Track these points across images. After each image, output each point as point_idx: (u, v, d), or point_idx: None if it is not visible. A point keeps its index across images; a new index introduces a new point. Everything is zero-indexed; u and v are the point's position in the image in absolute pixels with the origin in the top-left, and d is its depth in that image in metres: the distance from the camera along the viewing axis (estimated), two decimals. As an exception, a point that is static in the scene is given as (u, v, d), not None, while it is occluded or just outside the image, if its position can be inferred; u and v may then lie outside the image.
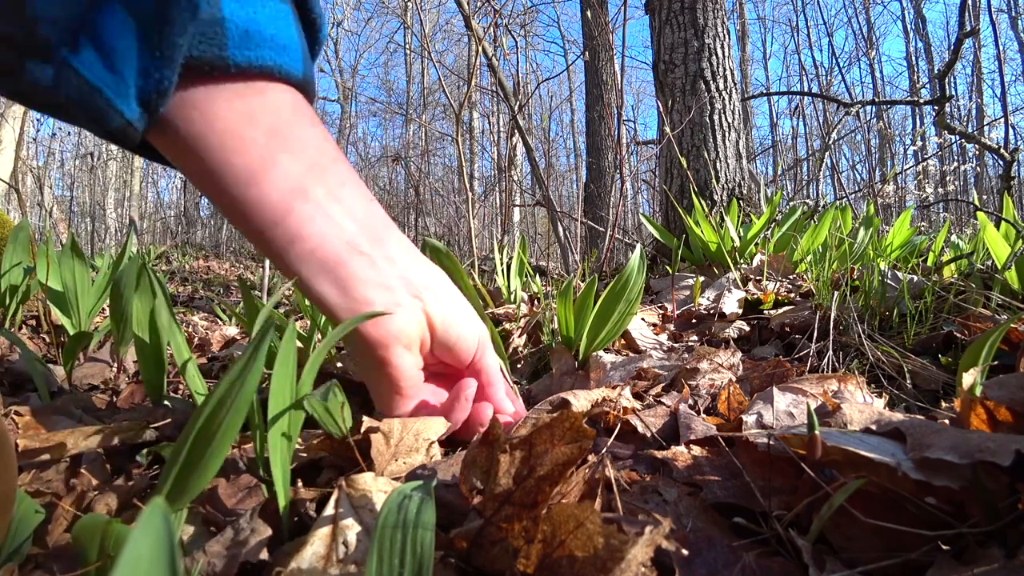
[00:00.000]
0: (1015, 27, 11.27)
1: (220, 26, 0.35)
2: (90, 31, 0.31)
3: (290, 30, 0.39)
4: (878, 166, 11.59)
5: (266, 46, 0.37)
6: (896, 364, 0.68)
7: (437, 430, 0.47)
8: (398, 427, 0.45)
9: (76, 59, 0.31)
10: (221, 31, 0.35)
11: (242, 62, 0.36)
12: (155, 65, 0.33)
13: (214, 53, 0.35)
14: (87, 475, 0.45)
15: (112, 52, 0.32)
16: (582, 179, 7.94)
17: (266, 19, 0.37)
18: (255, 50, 0.37)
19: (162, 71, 0.33)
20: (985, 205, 6.03)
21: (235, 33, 0.35)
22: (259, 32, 0.37)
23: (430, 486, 0.32)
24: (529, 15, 9.94)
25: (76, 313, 0.90)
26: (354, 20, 14.19)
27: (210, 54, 0.35)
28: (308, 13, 0.43)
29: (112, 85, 0.33)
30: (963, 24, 2.34)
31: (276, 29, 0.38)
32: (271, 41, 0.37)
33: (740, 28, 11.75)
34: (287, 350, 0.37)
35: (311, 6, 0.42)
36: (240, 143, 0.39)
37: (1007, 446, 0.29)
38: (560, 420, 0.32)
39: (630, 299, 0.73)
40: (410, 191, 7.68)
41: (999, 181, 2.64)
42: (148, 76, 0.33)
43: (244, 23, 0.36)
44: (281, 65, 0.38)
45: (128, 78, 0.33)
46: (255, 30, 0.36)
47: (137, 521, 0.15)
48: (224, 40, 0.35)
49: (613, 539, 0.28)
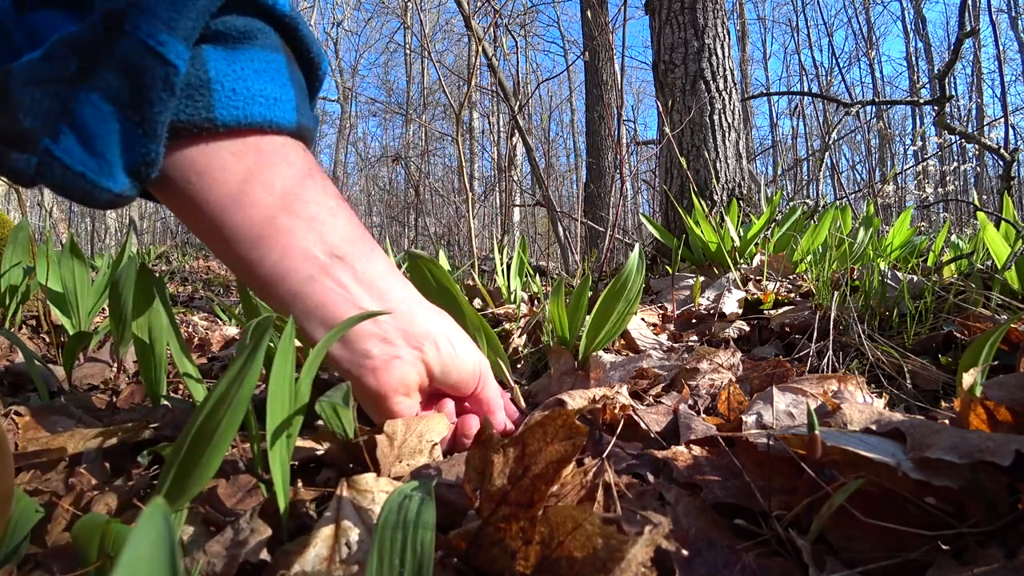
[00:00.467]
0: (1015, 27, 11.27)
1: (207, 88, 0.35)
2: (69, 119, 0.32)
3: (281, 79, 0.40)
4: (878, 166, 11.59)
5: (256, 102, 0.38)
6: (896, 364, 0.68)
7: (440, 431, 0.47)
8: (402, 428, 0.45)
9: (57, 148, 0.33)
10: (208, 92, 0.35)
11: (231, 121, 0.37)
12: (139, 141, 0.34)
13: (201, 116, 0.36)
14: (86, 475, 0.45)
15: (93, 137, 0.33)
16: (582, 179, 7.94)
17: (254, 73, 0.37)
18: (244, 108, 0.37)
19: (147, 145, 0.34)
20: (985, 205, 6.02)
21: (222, 93, 0.36)
22: (247, 89, 0.37)
23: (430, 486, 0.32)
24: (529, 15, 9.95)
25: (76, 313, 0.90)
26: (354, 20, 14.19)
27: (197, 116, 0.36)
28: (306, 53, 0.43)
29: (95, 168, 0.34)
30: (963, 24, 2.34)
31: (265, 82, 0.38)
32: (260, 96, 0.38)
33: (740, 28, 11.75)
34: (286, 349, 0.37)
35: (308, 46, 0.43)
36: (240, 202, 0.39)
37: (1007, 446, 0.29)
38: (552, 418, 0.32)
39: (629, 299, 0.73)
40: (410, 191, 7.68)
41: (999, 181, 2.64)
42: (133, 151, 0.34)
43: (231, 82, 0.36)
44: (271, 119, 0.39)
45: (111, 158, 0.34)
46: (243, 87, 0.37)
47: (137, 521, 0.15)
48: (211, 101, 0.36)
49: (612, 539, 0.28)
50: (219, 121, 0.36)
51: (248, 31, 0.38)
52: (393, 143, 14.84)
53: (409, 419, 0.47)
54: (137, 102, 0.33)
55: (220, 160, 0.38)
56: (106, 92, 0.32)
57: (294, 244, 0.41)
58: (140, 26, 0.32)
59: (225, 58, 0.36)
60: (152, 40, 0.32)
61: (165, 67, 0.33)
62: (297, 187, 0.41)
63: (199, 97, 0.35)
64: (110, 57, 0.32)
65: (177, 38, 0.33)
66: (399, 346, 0.45)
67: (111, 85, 0.32)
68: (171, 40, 0.32)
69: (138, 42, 0.32)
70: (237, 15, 0.37)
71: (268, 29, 0.39)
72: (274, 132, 0.40)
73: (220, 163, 0.38)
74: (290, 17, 0.40)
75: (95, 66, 0.32)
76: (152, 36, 0.32)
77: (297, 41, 0.42)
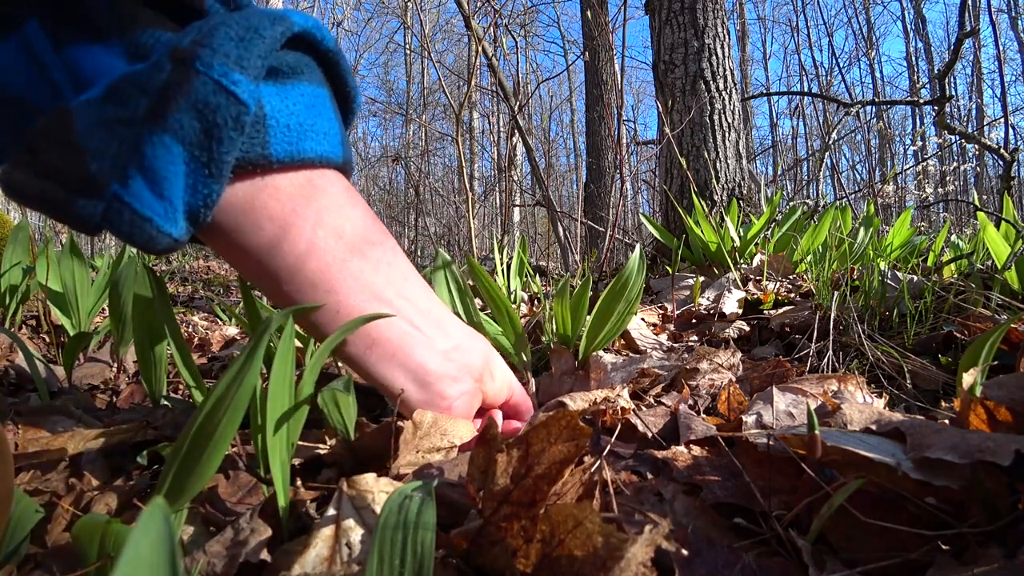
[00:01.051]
0: (1015, 27, 11.27)
1: (262, 124, 0.35)
2: (139, 162, 0.32)
3: (328, 113, 0.39)
4: (878, 166, 11.59)
5: (308, 137, 0.37)
6: (896, 364, 0.68)
7: (463, 435, 0.48)
8: (429, 420, 0.46)
9: (126, 193, 0.32)
10: (263, 128, 0.35)
11: (284, 157, 0.36)
12: (204, 183, 0.33)
13: (257, 152, 0.35)
14: (87, 475, 0.45)
15: (163, 180, 0.32)
16: (582, 179, 7.94)
17: (305, 108, 0.37)
18: (297, 143, 0.37)
19: (211, 187, 0.34)
20: (985, 205, 6.02)
21: (277, 129, 0.36)
22: (300, 124, 0.37)
23: (431, 486, 0.32)
24: (529, 15, 9.95)
25: (76, 313, 0.90)
26: (354, 20, 14.19)
27: (253, 153, 0.35)
28: (343, 87, 0.43)
29: (162, 213, 0.33)
30: (963, 24, 2.34)
31: (315, 116, 0.38)
32: (312, 130, 0.37)
33: (740, 28, 11.75)
34: (285, 349, 0.37)
35: (347, 81, 0.42)
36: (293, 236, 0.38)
37: (1007, 446, 0.29)
38: (556, 419, 0.32)
39: (630, 299, 0.73)
40: (410, 191, 7.69)
41: (999, 181, 2.64)
42: (196, 193, 0.34)
43: (286, 118, 0.36)
44: (322, 154, 0.38)
45: (176, 202, 0.33)
46: (296, 123, 0.36)
47: (137, 521, 0.15)
48: (266, 138, 0.35)
49: (612, 538, 0.28)
50: (273, 157, 0.36)
51: (298, 66, 0.37)
52: (393, 143, 14.84)
53: (437, 415, 0.47)
54: (207, 143, 0.32)
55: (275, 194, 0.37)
56: (177, 133, 0.32)
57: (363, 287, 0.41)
58: (213, 65, 0.31)
59: (278, 93, 0.36)
60: (226, 80, 0.32)
61: (238, 107, 0.32)
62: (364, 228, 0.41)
63: (254, 134, 0.35)
64: (183, 97, 0.31)
65: (248, 77, 0.32)
66: (465, 382, 0.47)
67: (183, 126, 0.32)
68: (243, 79, 0.32)
69: (211, 81, 0.31)
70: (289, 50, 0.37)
71: (313, 64, 0.39)
72: (324, 166, 0.40)
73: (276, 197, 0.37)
74: (334, 53, 0.40)
75: (166, 107, 0.31)
76: (225, 75, 0.32)
77: (337, 76, 0.42)
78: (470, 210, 1.75)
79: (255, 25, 0.33)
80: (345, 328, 0.43)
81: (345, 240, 0.40)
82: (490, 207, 10.57)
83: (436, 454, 0.45)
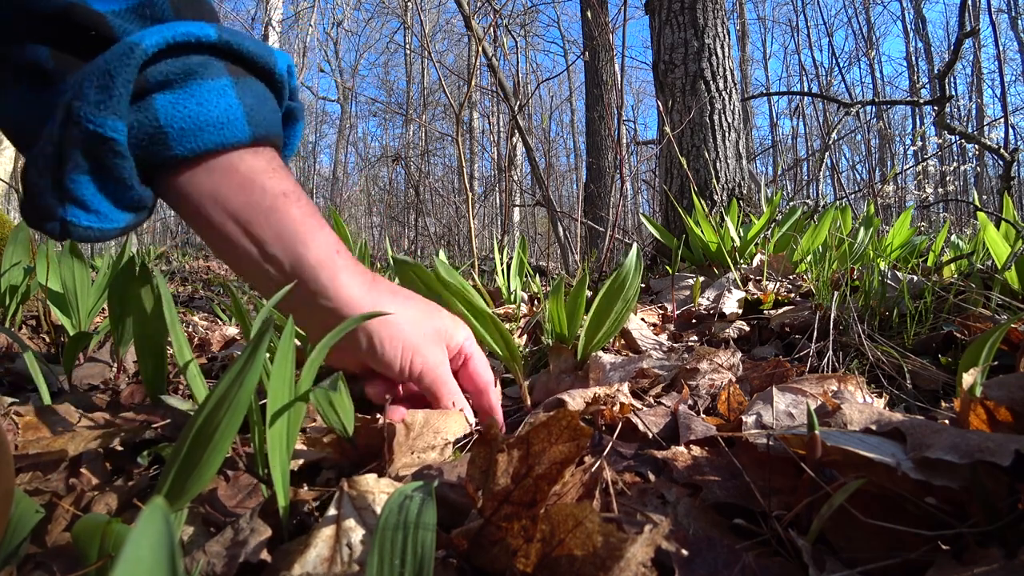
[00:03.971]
0: (1015, 27, 11.27)
1: (162, 133, 0.44)
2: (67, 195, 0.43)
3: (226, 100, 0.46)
4: (878, 166, 11.59)
5: (204, 131, 0.45)
6: (896, 364, 0.68)
7: (456, 431, 0.47)
8: (420, 420, 0.45)
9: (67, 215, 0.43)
10: (164, 136, 0.44)
11: (188, 153, 0.45)
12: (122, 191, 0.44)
13: (165, 155, 0.44)
14: (87, 475, 0.45)
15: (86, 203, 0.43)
16: (582, 179, 7.94)
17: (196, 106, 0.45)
18: (194, 140, 0.45)
19: (127, 193, 0.44)
20: (985, 205, 6.02)
21: (173, 133, 0.44)
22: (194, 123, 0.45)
23: (431, 487, 0.32)
24: (529, 15, 9.95)
25: (76, 313, 0.90)
26: (354, 20, 14.18)
27: (162, 156, 0.44)
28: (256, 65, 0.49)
29: (98, 222, 0.44)
30: (963, 24, 2.34)
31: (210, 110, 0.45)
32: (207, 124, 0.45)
33: (740, 28, 11.74)
34: (285, 348, 0.37)
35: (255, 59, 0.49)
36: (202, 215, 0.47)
37: (1007, 446, 0.29)
38: (557, 419, 0.32)
39: (627, 298, 0.73)
40: (410, 191, 7.68)
41: (999, 181, 2.64)
42: (122, 199, 0.44)
43: (179, 122, 0.44)
44: (221, 142, 0.46)
45: (106, 210, 0.44)
46: (190, 124, 0.44)
47: (137, 521, 0.15)
48: (168, 142, 0.44)
49: (612, 537, 0.28)
50: (179, 156, 0.45)
51: (188, 70, 0.44)
52: (393, 143, 14.83)
53: (429, 413, 0.47)
54: (101, 169, 0.43)
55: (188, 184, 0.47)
56: (77, 169, 0.42)
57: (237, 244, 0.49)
58: (81, 114, 0.40)
59: (171, 102, 0.44)
60: (91, 125, 0.41)
61: (107, 142, 0.41)
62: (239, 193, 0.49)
63: (159, 142, 0.44)
64: (72, 143, 0.41)
65: (107, 115, 0.41)
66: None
67: (79, 163, 0.42)
68: (105, 120, 0.41)
69: (83, 128, 0.41)
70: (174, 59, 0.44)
71: (208, 60, 0.46)
72: (228, 150, 0.47)
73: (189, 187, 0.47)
74: (222, 42, 0.46)
75: (66, 153, 0.41)
76: (91, 121, 0.41)
77: (241, 57, 0.48)
78: (470, 210, 1.75)
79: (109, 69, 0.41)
80: (344, 328, 0.43)
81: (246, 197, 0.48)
82: (490, 207, 10.57)
83: (431, 452, 0.45)
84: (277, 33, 7.90)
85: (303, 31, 12.06)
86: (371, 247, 5.37)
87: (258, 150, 0.49)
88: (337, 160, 13.27)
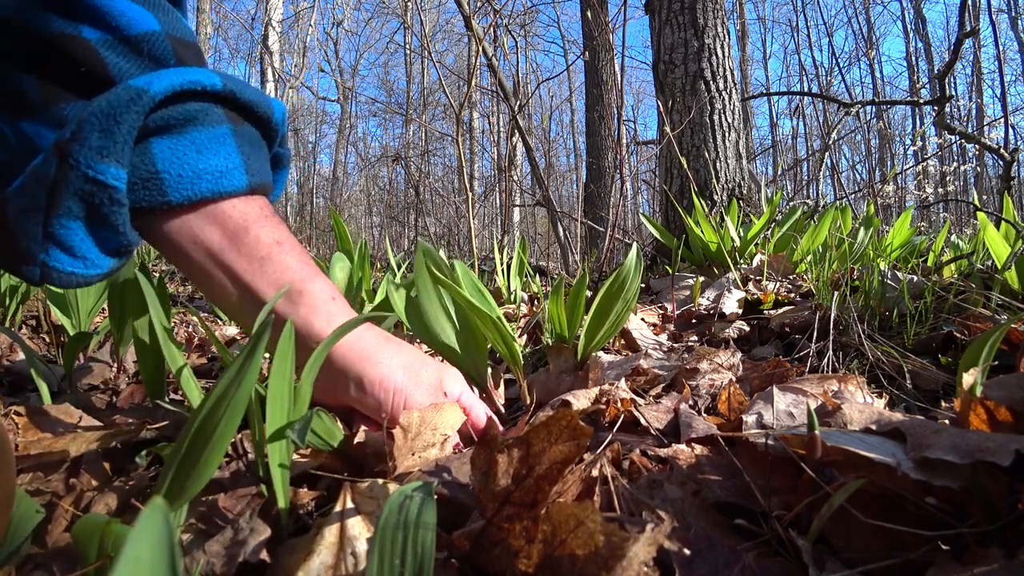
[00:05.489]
0: (1015, 27, 11.26)
1: (158, 178, 0.43)
2: (52, 238, 0.41)
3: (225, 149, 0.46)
4: (878, 166, 11.59)
5: (202, 179, 0.44)
6: (896, 364, 0.68)
7: (454, 423, 0.47)
8: (416, 420, 0.45)
9: (50, 259, 0.41)
10: (159, 182, 0.43)
11: (183, 200, 0.44)
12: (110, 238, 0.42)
13: (158, 200, 0.43)
14: (87, 475, 0.45)
15: (72, 247, 0.41)
16: (582, 179, 7.93)
17: (196, 154, 0.44)
18: (191, 187, 0.44)
19: (116, 239, 0.43)
20: (985, 205, 6.02)
21: (171, 180, 0.43)
22: (192, 171, 0.44)
23: (431, 487, 0.32)
24: (529, 15, 9.94)
25: (76, 313, 0.90)
26: (354, 20, 14.18)
27: (155, 201, 0.43)
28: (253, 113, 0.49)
29: (82, 267, 0.42)
30: (963, 24, 2.34)
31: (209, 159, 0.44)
32: (205, 173, 0.44)
33: (740, 28, 11.74)
34: (285, 349, 0.37)
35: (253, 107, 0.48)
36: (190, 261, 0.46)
37: (1007, 446, 0.29)
38: (556, 419, 0.32)
39: (627, 298, 0.73)
40: (410, 191, 7.68)
41: (999, 181, 2.64)
42: (108, 243, 0.43)
43: (177, 168, 0.43)
44: (218, 191, 0.45)
45: (92, 256, 0.43)
46: (188, 171, 0.43)
47: (137, 521, 0.15)
48: (164, 188, 0.43)
49: (614, 537, 0.28)
50: (173, 202, 0.44)
51: (188, 116, 0.44)
52: (393, 143, 14.83)
53: (424, 411, 0.47)
54: (95, 215, 0.41)
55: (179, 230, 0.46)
56: (69, 214, 0.40)
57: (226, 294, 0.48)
58: (80, 160, 0.39)
59: (170, 147, 0.43)
60: (91, 172, 0.39)
61: (107, 190, 0.40)
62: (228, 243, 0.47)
63: (153, 187, 0.43)
64: (66, 188, 0.39)
65: (110, 163, 0.39)
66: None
67: (72, 209, 0.40)
68: (107, 167, 0.39)
69: (81, 174, 0.39)
70: (175, 105, 0.43)
71: (208, 107, 0.45)
72: (224, 198, 0.46)
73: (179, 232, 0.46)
74: (225, 91, 0.46)
75: (57, 197, 0.39)
76: (91, 167, 0.39)
77: (242, 106, 0.48)
78: (470, 210, 1.75)
79: (115, 112, 0.39)
80: (344, 328, 0.43)
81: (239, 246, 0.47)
82: (490, 207, 10.57)
83: (432, 450, 0.45)
84: (277, 33, 7.90)
85: (303, 31, 12.05)
86: (371, 247, 5.36)
87: (251, 198, 0.48)
88: (337, 160, 13.27)
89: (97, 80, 0.43)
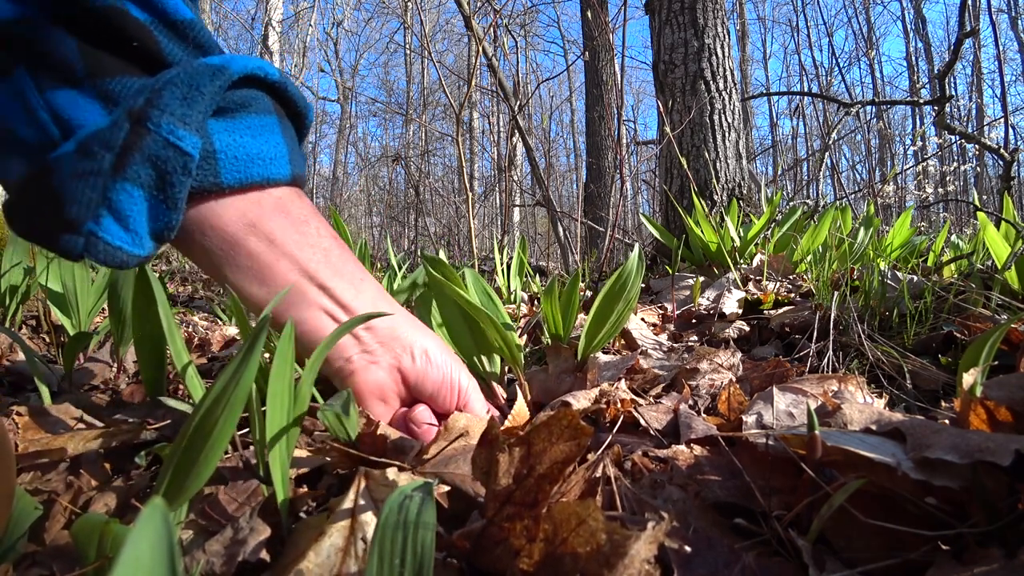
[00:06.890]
0: (1015, 27, 11.27)
1: (213, 158, 0.42)
2: (108, 205, 0.39)
3: (274, 139, 0.46)
4: (878, 166, 11.59)
5: (255, 164, 0.44)
6: (896, 364, 0.68)
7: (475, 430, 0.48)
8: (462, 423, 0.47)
9: (100, 229, 0.39)
10: (214, 162, 0.42)
11: (234, 183, 0.44)
12: (164, 214, 0.41)
13: (210, 181, 0.42)
14: (86, 475, 0.45)
15: (128, 218, 0.40)
16: (582, 179, 7.93)
17: (251, 139, 0.44)
18: (244, 171, 0.44)
19: (170, 216, 0.41)
20: (985, 205, 6.01)
21: (225, 161, 0.43)
22: (247, 154, 0.44)
23: (431, 486, 0.32)
24: (529, 15, 9.94)
25: (76, 313, 0.90)
26: (354, 20, 14.18)
27: (207, 182, 0.42)
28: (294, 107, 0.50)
29: (130, 241, 0.40)
30: (963, 24, 2.34)
31: (261, 144, 0.45)
32: (258, 158, 0.44)
33: (740, 28, 11.74)
34: (285, 349, 0.37)
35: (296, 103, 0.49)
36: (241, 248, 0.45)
37: (1007, 446, 0.29)
38: (557, 418, 0.32)
39: (628, 299, 0.73)
40: (410, 191, 7.68)
41: (999, 181, 2.64)
42: (158, 221, 0.41)
43: (233, 150, 0.43)
44: (268, 176, 0.45)
45: (142, 231, 0.41)
46: (243, 153, 0.44)
47: (136, 521, 0.15)
48: (217, 168, 0.43)
49: (617, 535, 0.28)
50: (225, 184, 0.43)
51: (244, 101, 0.44)
52: (393, 143, 14.83)
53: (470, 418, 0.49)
54: (162, 185, 0.40)
55: (228, 214, 0.45)
56: (136, 180, 0.39)
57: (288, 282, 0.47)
58: (161, 124, 0.38)
59: (227, 129, 0.43)
60: (172, 136, 0.38)
61: (184, 157, 0.39)
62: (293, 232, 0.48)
63: (207, 166, 0.42)
64: (139, 152, 0.38)
65: (191, 131, 0.39)
66: (377, 353, 0.51)
67: (140, 175, 0.39)
68: (187, 134, 0.39)
69: (160, 139, 0.38)
70: (237, 89, 0.44)
71: (261, 95, 0.46)
72: (272, 186, 0.46)
73: (228, 217, 0.45)
74: (280, 83, 0.47)
75: (126, 160, 0.38)
76: (172, 132, 0.38)
77: (286, 100, 0.49)
78: (470, 210, 1.75)
79: (197, 83, 0.39)
80: (346, 326, 0.43)
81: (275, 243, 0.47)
82: (490, 207, 10.57)
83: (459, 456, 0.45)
84: (277, 33, 7.90)
85: (303, 31, 12.06)
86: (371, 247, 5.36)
87: (294, 190, 0.49)
88: (337, 160, 13.28)
89: (151, 59, 0.42)
